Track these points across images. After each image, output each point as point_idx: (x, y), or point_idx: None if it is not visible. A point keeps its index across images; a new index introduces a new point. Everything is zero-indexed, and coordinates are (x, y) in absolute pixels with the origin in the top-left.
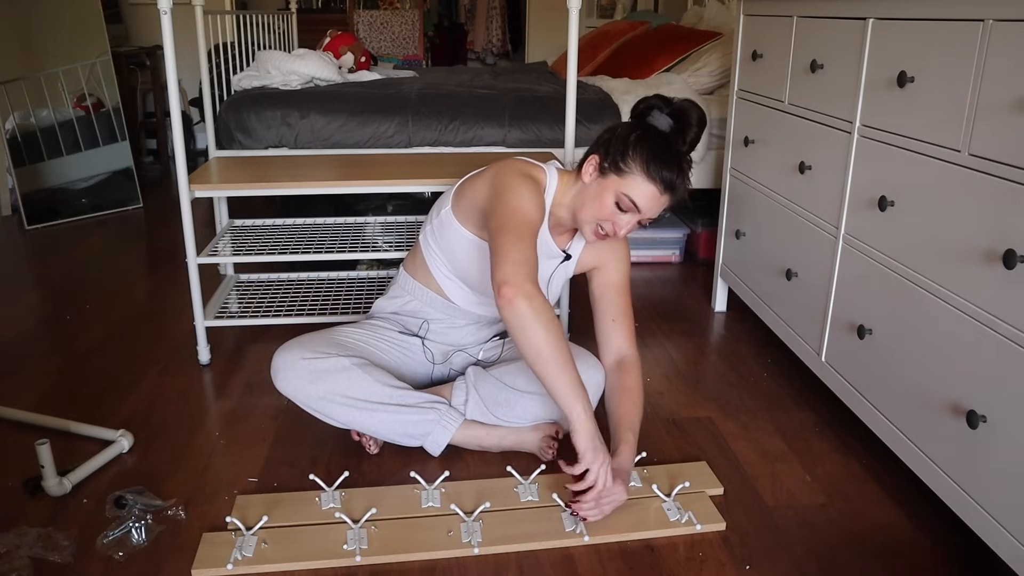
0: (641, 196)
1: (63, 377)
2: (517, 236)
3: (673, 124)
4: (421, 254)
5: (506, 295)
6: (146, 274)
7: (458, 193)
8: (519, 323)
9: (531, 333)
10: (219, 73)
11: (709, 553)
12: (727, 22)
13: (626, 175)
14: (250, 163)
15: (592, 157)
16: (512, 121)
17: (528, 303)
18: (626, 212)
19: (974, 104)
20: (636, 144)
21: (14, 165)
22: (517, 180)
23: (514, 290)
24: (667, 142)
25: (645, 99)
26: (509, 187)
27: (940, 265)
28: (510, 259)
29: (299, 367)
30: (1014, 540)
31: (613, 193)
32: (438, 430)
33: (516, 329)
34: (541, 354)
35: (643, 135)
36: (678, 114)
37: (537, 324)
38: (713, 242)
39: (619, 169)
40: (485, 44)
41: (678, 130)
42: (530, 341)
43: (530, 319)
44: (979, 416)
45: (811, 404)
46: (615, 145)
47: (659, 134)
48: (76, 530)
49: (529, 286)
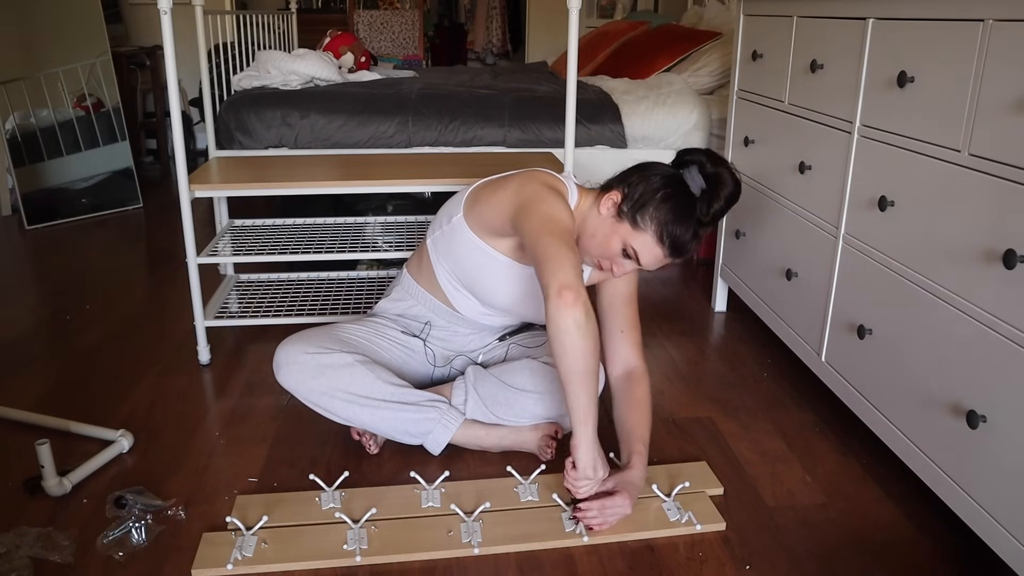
0: (646, 254)
1: (63, 377)
2: (567, 242)
3: (705, 189)
4: (428, 260)
5: (568, 299)
6: (146, 274)
7: (471, 201)
8: (570, 329)
9: (578, 343)
10: (219, 73)
11: (709, 553)
12: (727, 22)
13: (639, 230)
14: (250, 163)
15: (614, 193)
16: (512, 121)
17: (585, 314)
18: (629, 259)
19: (974, 104)
20: (660, 203)
21: (14, 165)
22: (549, 192)
23: (576, 296)
24: (692, 207)
25: (692, 151)
26: (543, 198)
27: (940, 265)
28: (569, 262)
29: (302, 361)
30: (1014, 540)
31: (621, 240)
32: (439, 429)
33: (564, 333)
34: (575, 367)
35: (670, 195)
36: (713, 181)
37: (587, 338)
38: (713, 242)
39: (635, 221)
40: (485, 44)
41: (706, 198)
42: (572, 351)
43: (582, 330)
44: (979, 416)
45: (811, 404)
46: (640, 194)
47: (686, 196)
48: (76, 530)
49: (586, 297)
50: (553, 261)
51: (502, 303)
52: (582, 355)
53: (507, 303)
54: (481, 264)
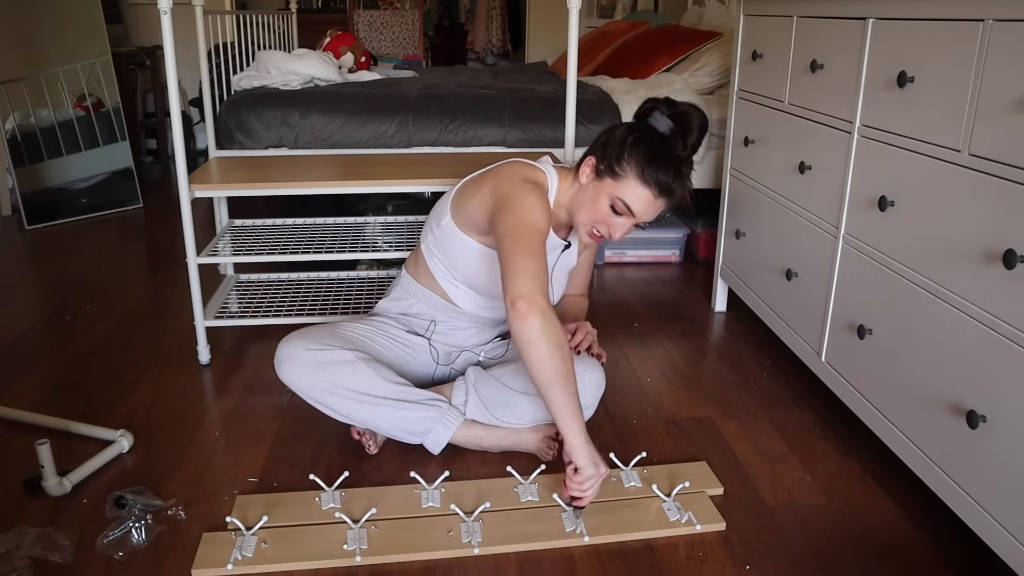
0: (635, 200)
1: (63, 377)
2: (528, 247)
3: (673, 127)
4: (424, 260)
5: (521, 310)
6: (146, 274)
7: (456, 201)
8: (531, 339)
9: (542, 351)
10: (219, 73)
11: (709, 553)
12: (727, 22)
13: (621, 179)
14: (250, 163)
15: (589, 159)
16: (512, 121)
17: (542, 320)
18: (621, 216)
19: (974, 104)
20: (632, 147)
21: (14, 165)
22: (522, 188)
23: (529, 305)
24: (665, 145)
25: (648, 100)
26: (516, 196)
27: (940, 265)
28: (525, 272)
29: (304, 357)
30: (1014, 540)
31: (608, 197)
32: (439, 428)
33: (527, 345)
34: (546, 374)
35: (640, 138)
36: (679, 117)
37: (550, 343)
38: (713, 242)
39: (614, 172)
40: (485, 44)
41: (678, 133)
42: (538, 359)
43: (542, 337)
44: (979, 416)
45: (811, 404)
46: (612, 147)
47: (657, 136)
48: (76, 530)
49: (543, 302)
50: (510, 272)
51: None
52: (550, 361)
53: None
54: (476, 261)
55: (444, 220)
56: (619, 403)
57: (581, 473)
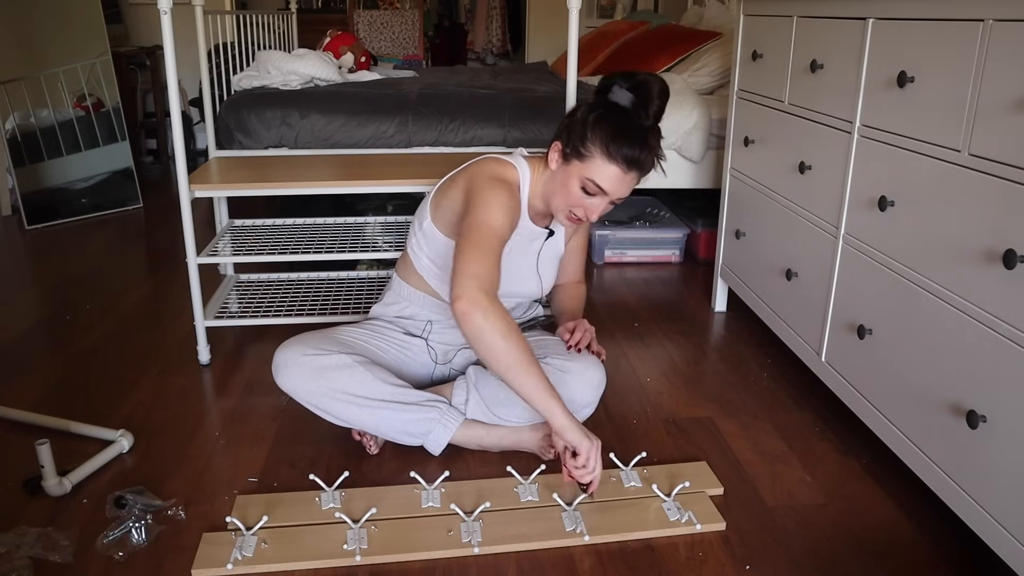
0: (605, 178)
1: (63, 377)
2: (478, 249)
3: (634, 98)
4: (412, 262)
5: (460, 309)
6: (146, 274)
7: (435, 203)
8: (476, 335)
9: (490, 344)
10: (219, 73)
11: (709, 553)
12: (727, 22)
13: (587, 159)
14: (250, 163)
15: (555, 144)
16: (512, 121)
17: (483, 315)
18: (594, 196)
19: (974, 104)
20: (595, 125)
21: (14, 165)
22: (489, 190)
23: (467, 303)
24: (628, 117)
25: (606, 76)
26: (480, 198)
27: (940, 265)
28: (466, 272)
29: (301, 363)
30: (1014, 540)
31: (578, 179)
32: (439, 429)
33: (474, 340)
34: (503, 363)
35: (602, 114)
36: (639, 87)
37: (494, 334)
38: (713, 242)
39: (580, 154)
40: (485, 44)
41: (640, 104)
42: (491, 351)
43: (486, 330)
44: (979, 416)
45: (811, 404)
46: (575, 129)
47: (619, 110)
48: (76, 530)
49: (482, 297)
50: (454, 274)
51: None
52: (504, 350)
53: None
54: None
55: (425, 223)
56: (619, 403)
57: (580, 452)
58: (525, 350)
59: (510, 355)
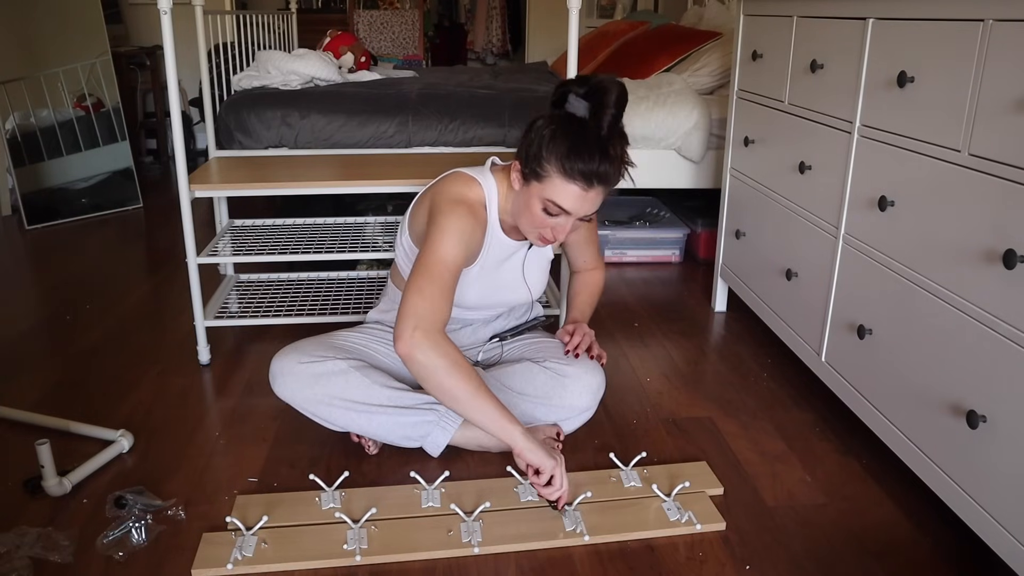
0: (565, 198)
1: (63, 377)
2: (424, 286)
3: (590, 106)
4: (400, 271)
5: (401, 353)
6: (146, 274)
7: (410, 219)
8: (422, 376)
9: (437, 383)
10: (219, 73)
11: (709, 553)
12: (727, 22)
13: (545, 179)
14: (250, 163)
15: (514, 163)
16: (512, 121)
17: (423, 356)
18: (557, 216)
19: (974, 104)
20: (549, 142)
21: (14, 165)
22: (446, 216)
23: (406, 346)
24: (583, 129)
25: (561, 84)
26: (436, 227)
27: (940, 265)
28: (407, 313)
29: (297, 371)
30: (1014, 540)
31: (539, 200)
32: (437, 431)
33: (422, 381)
34: (454, 398)
35: (555, 130)
36: (594, 94)
37: (438, 373)
38: (713, 242)
39: (537, 174)
40: (485, 44)
41: (595, 113)
42: (439, 390)
43: (430, 370)
44: (979, 416)
45: (811, 404)
46: (531, 148)
47: (575, 123)
48: (76, 530)
49: (420, 338)
50: (399, 312)
51: (474, 302)
52: (451, 385)
53: (475, 300)
54: None
55: (404, 238)
56: (619, 403)
57: (543, 472)
58: (472, 381)
59: (458, 390)
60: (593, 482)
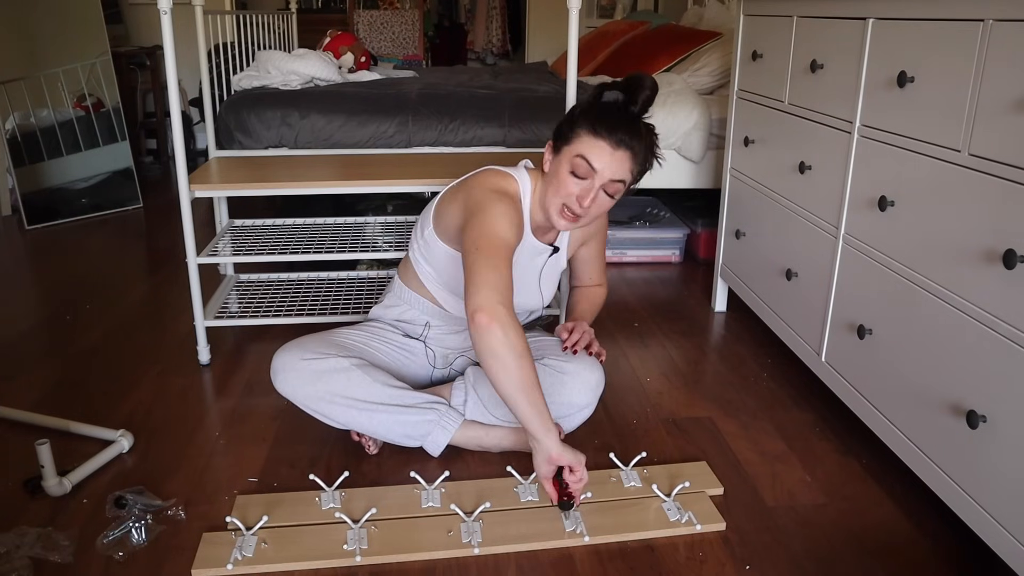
0: (593, 153)
1: (63, 377)
2: (491, 259)
3: (623, 95)
4: (412, 267)
5: (480, 322)
6: (146, 274)
7: (437, 212)
8: (492, 351)
9: (504, 362)
10: (219, 73)
11: (709, 553)
12: (727, 22)
13: (574, 140)
14: (250, 163)
15: (547, 145)
16: (512, 121)
17: (503, 332)
18: (584, 179)
19: (974, 104)
20: (582, 113)
21: (14, 165)
22: (490, 200)
23: (489, 317)
24: (614, 106)
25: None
26: (481, 208)
27: (940, 265)
28: (485, 283)
29: (299, 368)
30: (1014, 540)
31: (568, 162)
32: (437, 430)
33: (488, 356)
34: (512, 382)
35: (590, 106)
36: (627, 83)
37: (511, 355)
38: (713, 242)
39: (568, 138)
40: (485, 44)
41: (628, 96)
42: (503, 369)
43: (504, 349)
44: (979, 416)
45: (811, 404)
46: (563, 125)
47: (607, 102)
48: (76, 530)
49: (504, 313)
50: (471, 284)
51: None
52: (516, 370)
53: None
54: (459, 270)
55: (427, 231)
56: (619, 403)
57: (576, 468)
58: (534, 375)
59: (520, 377)
60: (593, 482)
